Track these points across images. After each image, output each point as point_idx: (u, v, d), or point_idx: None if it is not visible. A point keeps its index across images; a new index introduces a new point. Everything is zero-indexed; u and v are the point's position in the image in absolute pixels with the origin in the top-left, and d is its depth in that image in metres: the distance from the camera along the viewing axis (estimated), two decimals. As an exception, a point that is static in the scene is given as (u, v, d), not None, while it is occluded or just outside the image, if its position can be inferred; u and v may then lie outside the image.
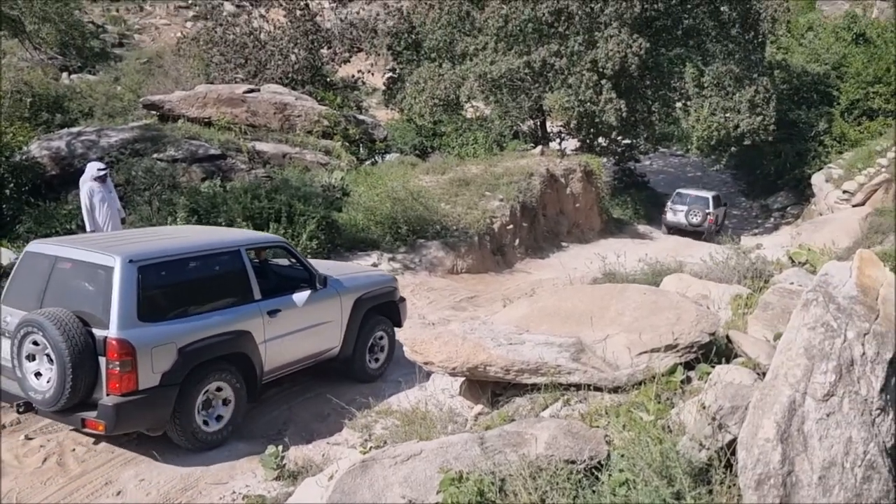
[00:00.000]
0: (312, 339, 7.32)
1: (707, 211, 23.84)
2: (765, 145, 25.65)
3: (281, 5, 24.14)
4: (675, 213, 24.23)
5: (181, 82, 22.54)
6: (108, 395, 5.70)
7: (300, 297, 7.14)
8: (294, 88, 20.75)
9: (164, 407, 5.94)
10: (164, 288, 6.14)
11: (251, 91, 18.17)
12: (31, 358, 5.88)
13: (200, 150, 15.16)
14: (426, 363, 4.85)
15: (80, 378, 5.63)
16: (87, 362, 5.64)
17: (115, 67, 29.63)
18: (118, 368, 5.64)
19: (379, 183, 15.60)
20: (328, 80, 24.28)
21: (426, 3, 23.30)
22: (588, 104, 21.96)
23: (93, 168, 9.76)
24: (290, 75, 22.47)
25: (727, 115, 22.97)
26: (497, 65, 22.03)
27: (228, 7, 25.87)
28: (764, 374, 3.78)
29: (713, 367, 4.27)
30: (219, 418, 6.45)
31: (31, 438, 6.52)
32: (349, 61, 24.89)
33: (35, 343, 5.78)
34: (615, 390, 4.47)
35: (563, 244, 18.93)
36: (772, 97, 23.71)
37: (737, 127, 23.03)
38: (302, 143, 17.22)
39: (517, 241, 16.77)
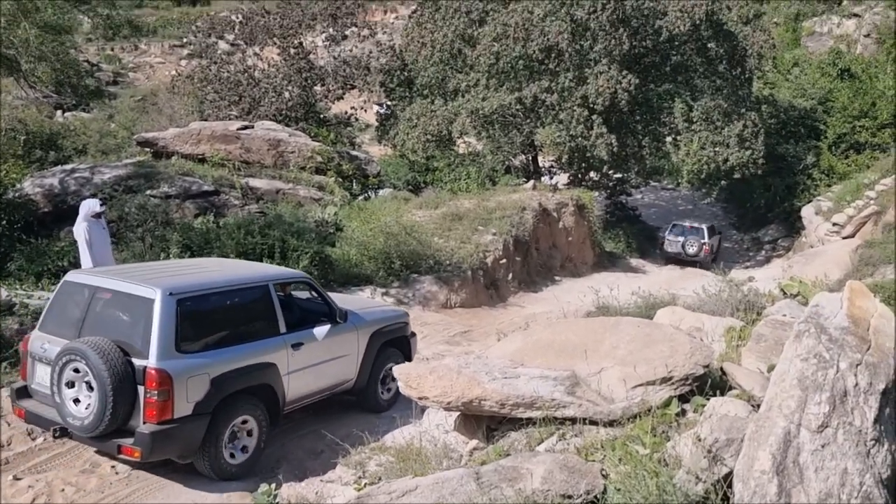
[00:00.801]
0: (331, 371, 7.56)
1: (703, 241, 24.89)
2: (754, 179, 25.93)
3: (275, 44, 24.50)
4: (673, 244, 25.29)
5: (175, 119, 22.73)
6: (144, 422, 5.88)
7: (321, 330, 7.35)
8: (288, 125, 20.93)
9: (195, 436, 6.10)
10: (199, 320, 6.35)
11: (245, 128, 18.31)
12: (71, 385, 6.03)
13: (194, 187, 15.21)
14: (421, 398, 4.83)
15: (120, 405, 5.80)
16: (126, 390, 5.83)
17: (109, 105, 29.85)
18: (156, 397, 5.83)
19: (372, 218, 15.66)
20: (322, 116, 24.53)
21: (418, 41, 23.65)
22: (579, 139, 22.20)
23: (91, 205, 9.78)
24: (283, 112, 22.69)
25: (716, 149, 23.24)
26: (489, 101, 22.30)
27: (223, 46, 26.20)
28: (758, 406, 3.79)
29: (708, 399, 4.27)
30: (244, 449, 6.60)
31: (19, 479, 6.42)
32: (342, 98, 25.19)
33: (76, 370, 5.95)
34: (611, 424, 4.46)
35: (557, 278, 18.96)
36: (760, 131, 24.03)
37: (726, 161, 23.29)
38: (295, 178, 17.30)
39: (510, 275, 16.79)
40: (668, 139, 24.96)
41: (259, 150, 17.82)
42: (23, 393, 6.58)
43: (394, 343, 8.39)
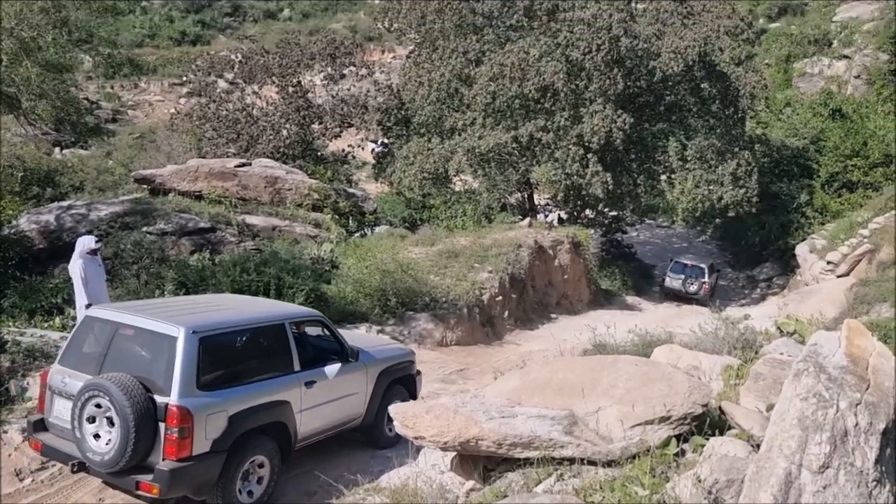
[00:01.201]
0: (342, 409, 7.62)
1: (703, 280, 25.71)
2: (749, 217, 26.09)
3: (274, 82, 24.73)
4: (673, 281, 26.04)
5: (173, 157, 22.85)
6: (163, 459, 5.89)
7: (332, 369, 7.44)
8: (285, 162, 21.06)
9: (212, 473, 6.11)
10: (219, 357, 6.41)
11: (243, 165, 18.41)
12: (92, 420, 6.04)
13: (190, 224, 15.23)
14: (417, 438, 4.77)
15: (141, 442, 5.82)
16: (147, 427, 5.84)
17: (107, 142, 30.05)
18: (176, 434, 5.85)
19: (368, 255, 15.65)
20: (319, 154, 24.68)
21: (416, 81, 23.94)
22: (575, 177, 22.35)
23: (87, 241, 9.77)
24: (281, 150, 22.83)
25: (711, 187, 23.41)
26: (485, 139, 22.50)
27: (222, 84, 26.47)
28: (758, 445, 3.75)
29: (707, 439, 4.22)
30: (256, 487, 6.59)
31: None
32: (340, 136, 25.38)
33: (98, 406, 5.96)
34: (609, 464, 4.40)
35: (553, 315, 18.90)
36: (753, 170, 24.24)
37: (720, 199, 23.45)
38: (292, 215, 17.35)
39: (506, 313, 16.74)
40: (663, 177, 25.15)
41: (256, 187, 17.89)
42: (39, 426, 6.56)
43: (400, 381, 8.47)
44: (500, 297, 16.54)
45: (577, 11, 22.51)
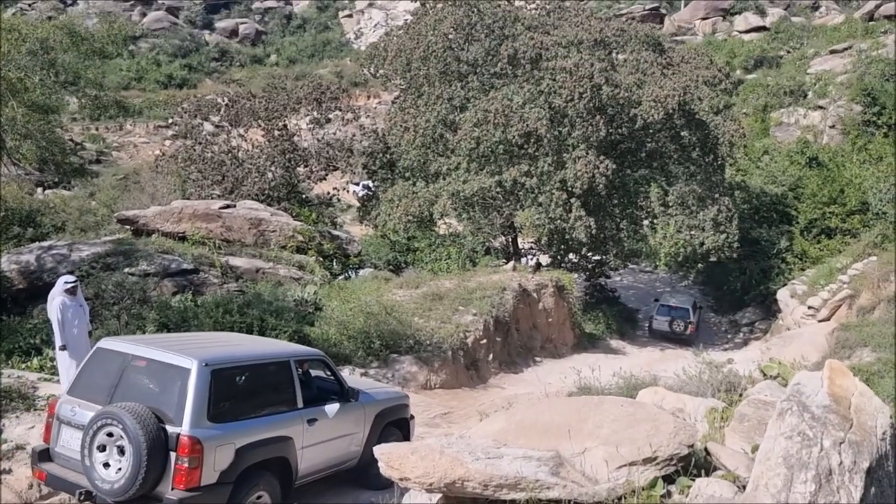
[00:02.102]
0: (340, 447, 7.74)
1: (689, 321, 26.83)
2: (730, 262, 26.38)
3: (259, 126, 24.92)
4: (661, 323, 27.12)
5: (157, 198, 22.81)
6: (172, 489, 5.94)
7: (332, 408, 7.55)
8: (270, 204, 21.09)
9: None
10: (229, 391, 6.52)
11: (227, 207, 18.40)
12: (102, 448, 6.08)
13: (173, 265, 15.12)
14: (402, 479, 4.71)
15: (152, 471, 5.88)
16: (158, 456, 5.92)
17: (91, 183, 29.97)
18: (186, 464, 5.93)
19: (352, 297, 15.59)
20: (304, 196, 24.77)
21: (401, 126, 24.22)
22: (558, 221, 22.55)
23: (64, 280, 9.67)
24: (266, 192, 22.89)
25: (692, 232, 23.71)
26: (469, 184, 22.71)
27: (208, 127, 26.61)
28: (744, 486, 3.74)
29: (693, 480, 4.21)
30: None
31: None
32: (325, 179, 25.51)
33: (109, 434, 6.02)
34: (596, 506, 4.36)
35: (537, 359, 18.86)
36: (734, 216, 24.61)
37: (702, 244, 23.73)
38: (276, 257, 17.29)
39: (491, 356, 16.68)
40: (646, 222, 25.44)
41: (240, 229, 17.86)
42: (44, 456, 6.57)
43: (395, 423, 8.59)
44: (485, 340, 16.51)
45: (559, 60, 23.00)
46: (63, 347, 9.28)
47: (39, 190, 28.12)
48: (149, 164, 27.69)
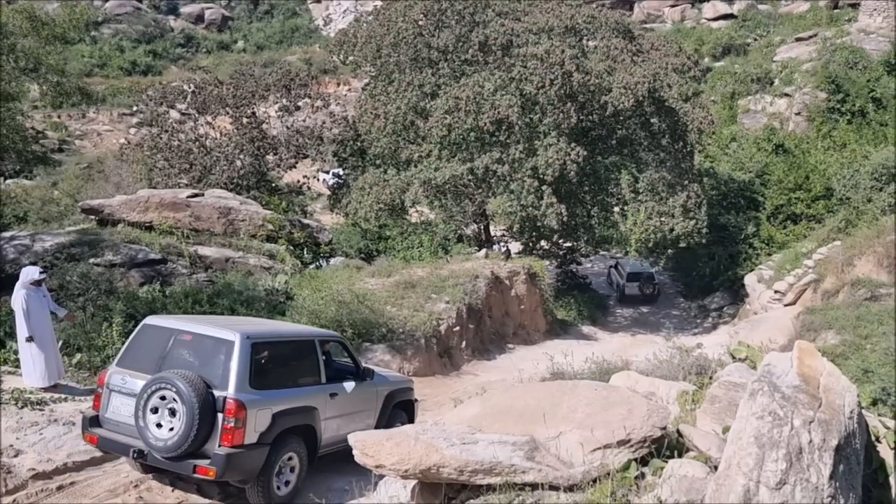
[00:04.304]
0: (355, 422, 8.31)
1: (655, 283, 30.11)
2: (699, 248, 26.72)
3: (227, 113, 24.54)
4: (632, 288, 30.19)
5: (122, 187, 22.38)
6: (219, 446, 6.67)
7: (350, 385, 8.32)
8: (239, 193, 20.80)
9: (257, 462, 6.90)
10: (265, 362, 7.26)
11: (195, 195, 18.10)
12: (155, 411, 6.76)
13: (140, 255, 14.86)
14: (378, 466, 4.69)
15: (202, 429, 6.60)
16: (208, 416, 6.64)
17: (54, 172, 29.30)
18: (232, 424, 6.68)
19: (324, 286, 15.47)
20: (274, 185, 24.47)
21: (371, 113, 24.04)
22: (530, 209, 22.61)
23: (31, 272, 9.48)
24: (235, 180, 22.56)
25: (662, 218, 23.95)
26: (441, 171, 22.64)
27: (174, 114, 26.14)
28: (716, 467, 3.79)
29: (666, 461, 4.25)
30: (287, 483, 7.33)
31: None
32: (295, 167, 25.24)
33: (162, 398, 6.71)
34: (570, 488, 4.39)
35: (510, 346, 18.92)
36: (703, 202, 24.91)
37: (672, 230, 23.99)
38: (246, 247, 17.08)
39: (464, 343, 16.70)
40: (616, 209, 25.64)
41: (209, 218, 17.59)
42: (94, 422, 7.25)
43: (401, 405, 9.29)
44: (458, 328, 16.52)
45: (530, 47, 22.99)
46: (30, 339, 9.12)
47: (0, 179, 27.42)
48: (113, 153, 27.15)
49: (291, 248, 18.37)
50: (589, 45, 26.54)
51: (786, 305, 22.27)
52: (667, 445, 4.65)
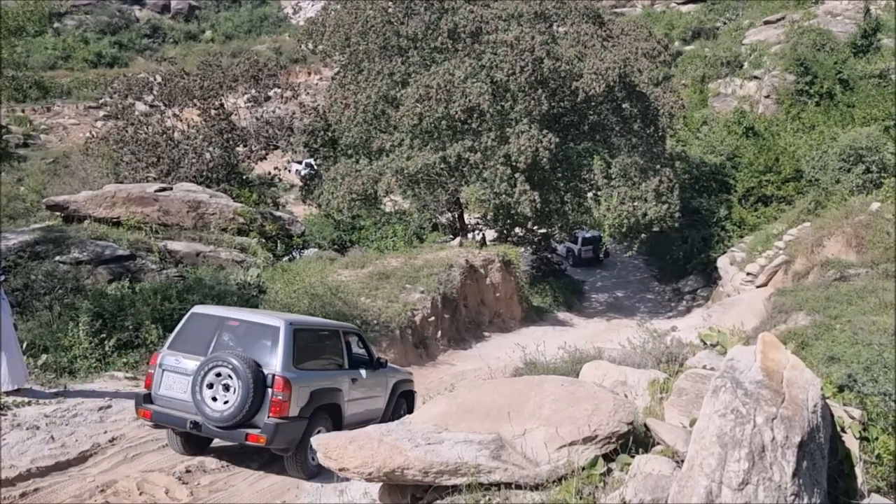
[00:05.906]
0: (370, 405, 9.46)
1: (605, 246, 30.38)
2: (672, 232, 26.87)
3: (195, 105, 24.13)
4: (586, 252, 32.91)
5: (89, 182, 21.94)
6: (269, 417, 7.55)
7: (366, 372, 9.33)
8: (209, 186, 20.49)
9: (298, 433, 7.75)
10: (304, 346, 8.21)
11: (163, 189, 17.80)
12: (210, 386, 7.59)
13: (107, 251, 14.57)
14: (341, 469, 4.61)
15: (255, 402, 7.48)
16: (259, 390, 7.52)
17: (18, 168, 28.67)
18: (280, 397, 7.59)
19: (296, 279, 15.33)
20: (244, 177, 24.15)
21: (342, 102, 23.79)
22: (503, 196, 22.57)
23: None
24: (204, 173, 22.23)
25: (635, 203, 24.02)
26: (413, 160, 22.49)
27: (141, 107, 25.64)
28: (682, 462, 3.76)
29: (633, 457, 4.22)
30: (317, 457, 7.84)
31: None
32: (265, 158, 24.92)
33: (217, 374, 7.56)
34: (537, 487, 4.35)
35: (486, 334, 18.93)
36: (675, 186, 25.03)
37: (645, 215, 24.08)
38: (216, 241, 16.84)
39: (439, 333, 16.67)
40: (589, 195, 25.68)
41: (178, 213, 17.31)
42: (147, 399, 8.01)
43: (404, 395, 10.30)
44: (433, 318, 16.47)
45: (500, 34, 22.85)
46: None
47: (-38, 176, 26.78)
48: (79, 147, 26.54)
49: (263, 240, 18.17)
50: (559, 30, 26.46)
51: (758, 287, 22.49)
52: (634, 440, 4.62)
